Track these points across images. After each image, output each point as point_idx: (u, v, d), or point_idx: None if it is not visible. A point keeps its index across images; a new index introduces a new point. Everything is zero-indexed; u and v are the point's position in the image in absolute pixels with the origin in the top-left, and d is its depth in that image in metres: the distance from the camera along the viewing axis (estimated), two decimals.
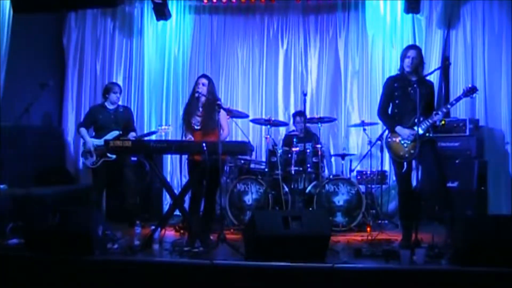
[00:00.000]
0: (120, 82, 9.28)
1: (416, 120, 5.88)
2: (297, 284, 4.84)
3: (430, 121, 5.97)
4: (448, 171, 7.80)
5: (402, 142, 6.10)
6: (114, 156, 7.29)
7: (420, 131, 5.92)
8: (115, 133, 7.43)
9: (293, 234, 5.12)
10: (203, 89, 6.29)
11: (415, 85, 5.84)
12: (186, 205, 6.57)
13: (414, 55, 6.06)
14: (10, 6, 7.70)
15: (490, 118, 8.45)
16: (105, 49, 9.69)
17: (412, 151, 6.00)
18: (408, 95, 6.07)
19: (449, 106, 6.27)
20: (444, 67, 8.60)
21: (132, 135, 7.55)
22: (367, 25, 9.20)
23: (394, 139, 6.16)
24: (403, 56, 6.16)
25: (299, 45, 9.42)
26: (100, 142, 7.38)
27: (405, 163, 6.08)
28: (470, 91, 5.97)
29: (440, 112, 5.99)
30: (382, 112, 6.31)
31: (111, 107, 7.65)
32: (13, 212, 6.81)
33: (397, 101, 6.17)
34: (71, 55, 9.67)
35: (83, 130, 7.61)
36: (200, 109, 6.37)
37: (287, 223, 5.16)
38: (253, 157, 8.74)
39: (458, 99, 6.13)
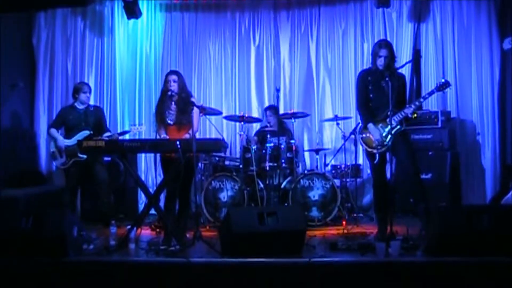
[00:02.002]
0: (92, 82, 9.29)
1: (389, 113, 5.90)
2: (274, 279, 4.83)
3: (402, 114, 6.02)
4: (421, 163, 7.87)
5: (375, 135, 6.12)
6: (85, 156, 7.22)
7: (393, 124, 5.96)
8: (85, 133, 7.37)
9: (268, 230, 5.13)
10: (174, 86, 6.26)
11: (387, 78, 5.88)
12: (162, 203, 6.53)
13: (386, 54, 6.07)
14: None
15: (461, 110, 8.57)
16: (76, 49, 9.55)
17: (385, 143, 6.04)
18: (381, 88, 6.11)
19: (422, 99, 6.34)
20: (415, 61, 8.69)
21: (106, 135, 7.47)
22: (338, 20, 9.22)
23: (366, 133, 6.20)
24: (374, 54, 6.17)
25: (271, 41, 9.40)
26: (70, 142, 7.31)
27: (377, 154, 6.12)
28: (443, 86, 6.03)
29: (413, 105, 6.05)
30: (362, 105, 6.31)
31: (81, 107, 7.58)
32: None
33: (371, 95, 6.21)
34: (42, 55, 9.52)
35: (53, 131, 7.53)
36: (174, 105, 6.34)
37: (263, 219, 5.17)
38: (228, 154, 8.73)
39: (431, 93, 6.20)
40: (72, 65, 9.55)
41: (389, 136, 6.01)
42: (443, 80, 6.13)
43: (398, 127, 6.04)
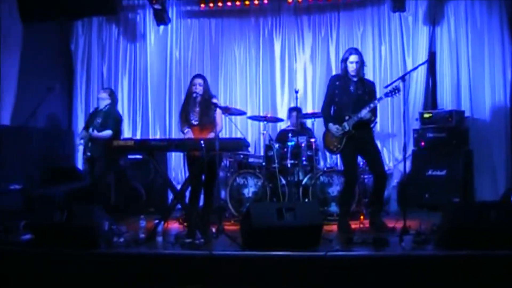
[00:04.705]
0: (125, 84, 9.55)
1: (346, 118, 6.15)
2: (291, 272, 4.79)
3: (355, 118, 6.12)
4: (436, 161, 7.88)
5: (332, 137, 6.34)
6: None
7: (347, 127, 6.18)
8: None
9: (286, 224, 5.08)
10: (199, 89, 6.33)
11: (356, 84, 6.21)
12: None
13: (357, 60, 6.23)
14: None
15: (474, 109, 8.38)
16: (110, 54, 9.70)
17: (338, 145, 6.28)
18: (348, 92, 6.26)
19: (371, 105, 6.23)
20: (430, 63, 8.57)
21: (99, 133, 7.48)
22: (357, 23, 9.12)
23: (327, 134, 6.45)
24: (345, 60, 6.30)
25: (293, 44, 9.33)
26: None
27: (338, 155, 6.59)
28: (391, 92, 6.11)
29: (367, 108, 6.11)
30: (324, 110, 6.51)
31: (99, 109, 7.77)
32: (26, 209, 6.83)
33: (336, 99, 6.34)
34: (79, 60, 9.69)
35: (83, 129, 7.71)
36: (198, 106, 6.39)
37: (281, 214, 5.11)
38: (252, 152, 8.70)
39: (379, 99, 6.25)
40: (107, 69, 9.71)
41: (344, 138, 6.22)
42: (389, 89, 6.18)
43: (352, 131, 6.18)
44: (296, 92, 7.50)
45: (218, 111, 6.23)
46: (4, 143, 7.31)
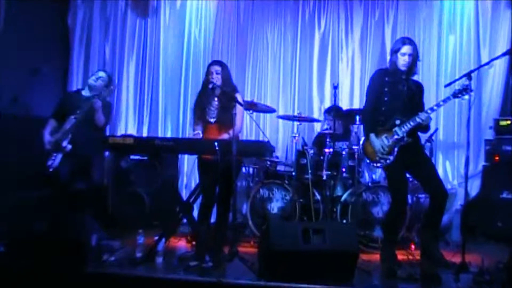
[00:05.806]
0: (132, 69, 9.65)
1: (396, 122, 6.02)
2: None
3: (411, 123, 6.01)
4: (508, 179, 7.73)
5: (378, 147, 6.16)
6: None
7: (400, 134, 6.02)
8: None
9: (313, 249, 5.07)
10: (217, 78, 6.31)
11: (407, 82, 6.14)
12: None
13: (411, 52, 6.10)
14: None
15: None
16: (115, 31, 9.80)
17: (386, 157, 6.09)
18: (398, 92, 6.15)
19: (435, 107, 6.18)
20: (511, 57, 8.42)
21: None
22: (420, 6, 9.01)
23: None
24: (396, 51, 6.17)
25: (339, 29, 9.28)
26: None
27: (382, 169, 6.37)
28: (461, 92, 5.88)
29: (424, 113, 6.02)
30: (370, 110, 6.30)
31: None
32: None
33: (385, 98, 6.18)
34: (77, 36, 9.79)
35: None
36: (216, 100, 6.39)
37: (308, 236, 5.11)
38: (282, 158, 8.67)
39: (445, 100, 6.09)
40: (111, 49, 9.82)
41: (395, 148, 6.06)
42: (457, 87, 5.94)
43: (405, 138, 6.05)
44: (335, 87, 7.47)
45: (239, 108, 6.20)
46: None
